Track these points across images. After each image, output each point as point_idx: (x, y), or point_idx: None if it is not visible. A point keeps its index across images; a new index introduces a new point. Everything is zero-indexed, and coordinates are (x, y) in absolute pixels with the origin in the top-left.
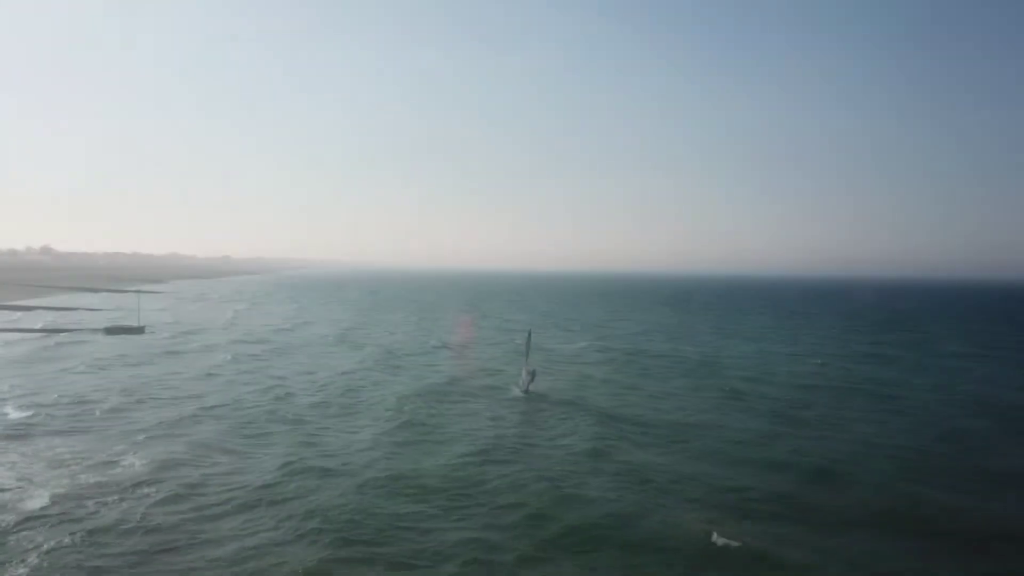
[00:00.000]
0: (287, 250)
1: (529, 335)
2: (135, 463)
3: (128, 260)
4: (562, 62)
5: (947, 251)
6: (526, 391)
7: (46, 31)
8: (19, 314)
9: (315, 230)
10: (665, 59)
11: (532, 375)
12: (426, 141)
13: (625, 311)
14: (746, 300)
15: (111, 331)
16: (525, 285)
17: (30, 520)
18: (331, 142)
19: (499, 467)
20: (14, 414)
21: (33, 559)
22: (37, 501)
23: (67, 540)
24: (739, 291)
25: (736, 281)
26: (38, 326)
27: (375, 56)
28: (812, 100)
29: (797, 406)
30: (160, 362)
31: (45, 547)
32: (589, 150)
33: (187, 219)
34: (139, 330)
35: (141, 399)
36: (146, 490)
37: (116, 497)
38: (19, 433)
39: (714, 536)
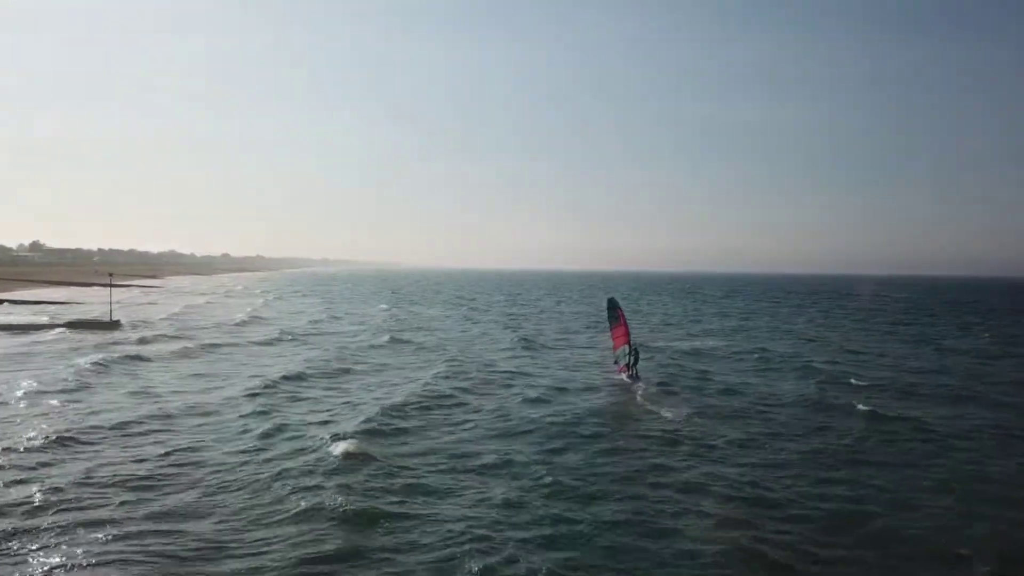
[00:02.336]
0: (291, 249)
1: (612, 304)
2: None
3: (124, 257)
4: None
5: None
6: (632, 376)
7: (44, 28)
8: None
9: (315, 230)
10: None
11: (635, 354)
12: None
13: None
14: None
15: (75, 325)
16: (526, 282)
17: None
18: (331, 140)
19: None
20: None
21: None
22: None
23: None
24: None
25: (736, 279)
26: None
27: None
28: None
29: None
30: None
31: None
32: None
33: (189, 218)
34: (112, 325)
35: None
36: None
37: None
38: None
39: None
